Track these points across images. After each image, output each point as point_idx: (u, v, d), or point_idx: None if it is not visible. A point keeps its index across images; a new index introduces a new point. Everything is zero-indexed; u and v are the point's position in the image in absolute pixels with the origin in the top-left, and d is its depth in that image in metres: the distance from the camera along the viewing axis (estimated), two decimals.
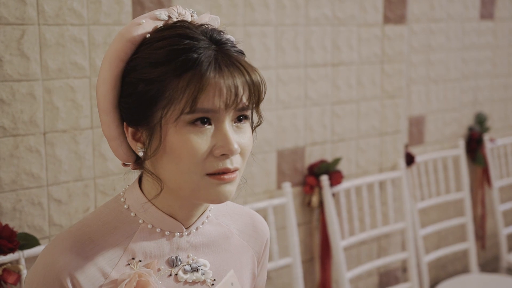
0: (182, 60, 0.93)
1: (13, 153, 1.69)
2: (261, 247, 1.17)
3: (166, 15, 0.99)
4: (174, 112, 0.93)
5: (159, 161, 0.97)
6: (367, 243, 2.72)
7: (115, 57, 0.97)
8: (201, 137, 0.94)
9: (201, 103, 0.92)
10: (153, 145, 0.96)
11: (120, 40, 0.97)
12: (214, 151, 0.94)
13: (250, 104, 0.97)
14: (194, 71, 0.93)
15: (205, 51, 0.94)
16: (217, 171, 0.95)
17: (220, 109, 0.94)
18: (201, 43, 0.95)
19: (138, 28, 0.97)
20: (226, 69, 0.94)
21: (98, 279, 0.97)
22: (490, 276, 2.95)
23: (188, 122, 0.93)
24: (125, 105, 0.98)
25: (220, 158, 0.95)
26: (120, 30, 0.99)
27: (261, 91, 0.97)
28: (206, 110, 0.93)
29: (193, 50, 0.93)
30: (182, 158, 0.94)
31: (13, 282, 1.60)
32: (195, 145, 0.93)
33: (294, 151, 2.41)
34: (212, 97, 0.93)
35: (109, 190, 1.87)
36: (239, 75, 0.94)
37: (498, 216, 3.23)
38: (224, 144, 0.94)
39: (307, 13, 2.35)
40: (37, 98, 1.71)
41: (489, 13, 3.32)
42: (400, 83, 2.73)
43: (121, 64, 0.97)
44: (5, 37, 1.64)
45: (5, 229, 1.60)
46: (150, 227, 1.01)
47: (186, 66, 0.93)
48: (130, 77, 0.97)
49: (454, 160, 3.13)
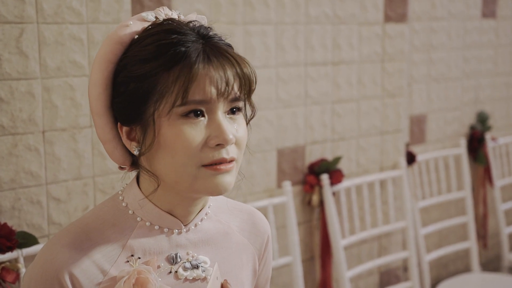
0: (171, 53, 0.94)
1: (12, 151, 1.69)
2: (262, 244, 1.17)
3: (153, 16, 1.01)
4: (166, 105, 0.94)
5: (154, 156, 0.97)
6: (368, 242, 2.72)
7: (104, 60, 0.98)
8: (194, 128, 0.94)
9: (192, 94, 0.93)
10: (147, 140, 0.96)
11: (108, 43, 0.98)
12: (209, 142, 0.95)
13: (241, 95, 0.97)
14: (183, 64, 0.94)
15: (193, 44, 0.95)
16: (213, 162, 0.95)
17: (212, 99, 0.94)
18: (189, 37, 0.96)
19: (125, 29, 0.98)
20: (215, 59, 0.94)
21: (96, 276, 0.97)
22: (492, 276, 2.94)
23: (180, 114, 0.94)
24: (118, 105, 0.99)
25: (216, 149, 0.95)
26: (108, 33, 1.01)
27: (252, 80, 0.98)
28: (198, 101, 0.94)
29: (181, 44, 0.94)
30: (177, 151, 0.94)
31: (11, 281, 1.59)
32: (189, 137, 0.94)
33: (295, 150, 2.40)
34: (203, 87, 0.93)
35: (108, 189, 1.87)
36: (228, 64, 0.95)
37: (500, 215, 3.22)
38: (219, 134, 0.94)
39: (308, 12, 2.35)
40: (36, 96, 1.71)
41: (491, 12, 3.31)
42: (401, 82, 2.72)
43: (110, 66, 0.98)
44: (4, 36, 1.64)
45: (4, 227, 1.60)
46: (148, 224, 1.02)
47: (175, 59, 0.94)
48: (120, 77, 0.98)
49: (456, 159, 3.12)
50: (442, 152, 3.02)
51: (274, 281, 2.37)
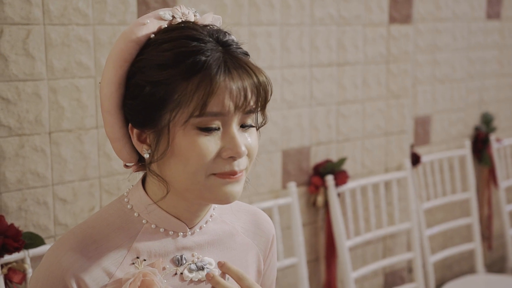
0: (190, 62, 0.93)
1: (19, 152, 1.69)
2: (266, 245, 1.17)
3: (170, 15, 0.99)
4: (183, 115, 0.93)
5: (165, 163, 0.97)
6: (373, 243, 2.72)
7: (119, 58, 0.97)
8: (209, 139, 0.94)
9: (210, 106, 0.92)
10: (160, 148, 0.96)
11: (124, 41, 0.97)
12: (221, 153, 0.95)
13: (257, 107, 0.97)
14: (203, 74, 0.92)
15: (212, 53, 0.94)
16: (224, 173, 0.96)
17: (229, 112, 0.94)
18: (208, 45, 0.94)
19: (142, 28, 0.97)
20: (235, 72, 0.94)
21: (102, 278, 0.97)
22: (497, 277, 2.94)
23: (196, 125, 0.93)
24: (130, 107, 0.98)
25: (228, 161, 0.95)
26: (124, 30, 0.99)
27: (268, 92, 0.97)
28: (215, 113, 0.93)
29: (201, 53, 0.93)
30: (190, 161, 0.94)
31: (18, 281, 1.60)
32: (204, 148, 0.93)
33: (300, 151, 2.41)
34: (222, 100, 0.93)
35: (114, 190, 1.88)
36: (247, 77, 0.94)
37: (505, 216, 3.22)
38: (232, 147, 0.95)
39: (312, 13, 2.35)
40: (42, 97, 1.71)
41: (495, 13, 3.31)
42: (406, 83, 2.72)
43: (125, 65, 0.97)
44: (11, 37, 1.64)
45: (11, 228, 1.60)
46: (153, 227, 1.02)
47: (194, 69, 0.93)
48: (136, 79, 0.96)
49: (460, 160, 3.12)
50: (447, 153, 3.02)
51: (279, 282, 2.37)
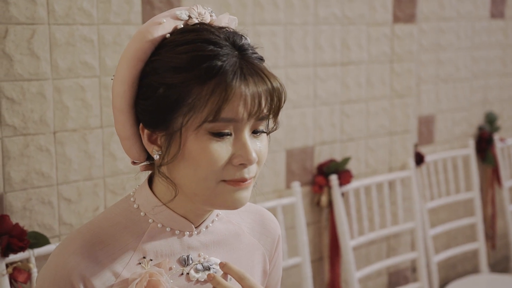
0: (206, 67, 0.92)
1: (24, 152, 1.69)
2: (272, 245, 1.17)
3: (186, 15, 0.98)
4: (196, 119, 0.93)
5: (175, 166, 0.96)
6: (377, 243, 2.71)
7: (134, 57, 0.96)
8: (221, 146, 0.94)
9: (224, 112, 0.92)
10: (171, 151, 0.95)
11: (140, 40, 0.96)
12: (232, 160, 0.95)
13: (270, 113, 0.96)
14: (218, 80, 0.92)
15: (228, 58, 0.93)
16: (234, 180, 0.95)
17: (243, 119, 0.93)
18: (224, 49, 0.94)
19: (158, 28, 0.96)
20: (251, 79, 0.93)
21: (109, 278, 0.97)
22: (500, 276, 2.93)
23: (209, 130, 0.93)
24: (143, 107, 0.97)
25: (238, 167, 0.95)
26: (139, 29, 0.97)
27: (282, 99, 0.97)
28: (228, 119, 0.93)
29: (217, 57, 0.92)
30: (201, 166, 0.94)
31: (23, 281, 1.60)
32: (215, 154, 0.93)
33: (303, 151, 2.40)
34: (236, 107, 0.92)
35: (119, 189, 1.88)
36: (262, 84, 0.94)
37: (509, 216, 3.21)
38: (243, 154, 0.94)
39: (316, 12, 2.35)
40: (47, 97, 1.72)
41: (499, 12, 3.30)
42: (410, 83, 2.72)
43: (139, 64, 0.96)
44: (16, 37, 1.65)
45: (16, 227, 1.60)
46: (160, 226, 1.02)
47: (210, 74, 0.92)
48: (149, 79, 0.95)
49: (464, 159, 3.11)
50: (451, 153, 3.01)
51: (283, 281, 2.37)
